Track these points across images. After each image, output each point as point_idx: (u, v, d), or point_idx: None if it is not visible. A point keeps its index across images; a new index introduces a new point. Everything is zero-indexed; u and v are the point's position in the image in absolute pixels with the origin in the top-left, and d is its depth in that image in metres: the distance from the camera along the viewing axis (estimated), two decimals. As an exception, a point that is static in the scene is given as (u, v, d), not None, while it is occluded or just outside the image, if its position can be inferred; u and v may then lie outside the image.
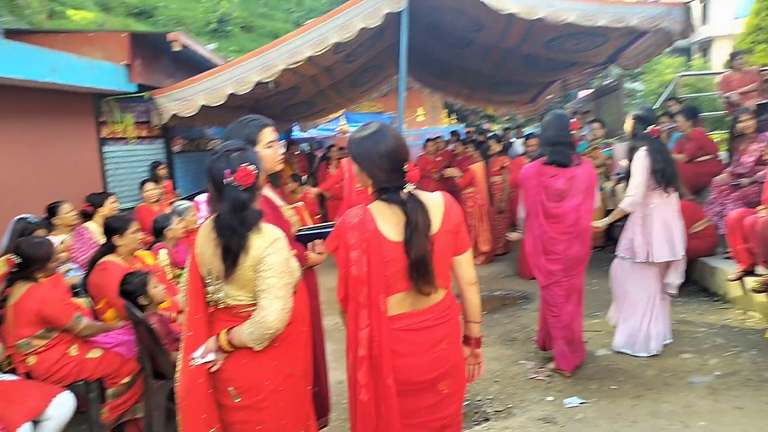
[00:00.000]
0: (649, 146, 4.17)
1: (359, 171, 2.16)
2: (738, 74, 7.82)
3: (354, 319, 2.11)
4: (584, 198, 3.95)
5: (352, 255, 2.07)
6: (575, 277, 4.04)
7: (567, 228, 3.95)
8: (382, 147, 2.08)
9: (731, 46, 20.87)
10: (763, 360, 4.03)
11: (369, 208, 2.12)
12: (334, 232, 2.17)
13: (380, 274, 2.06)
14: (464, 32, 8.11)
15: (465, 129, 14.24)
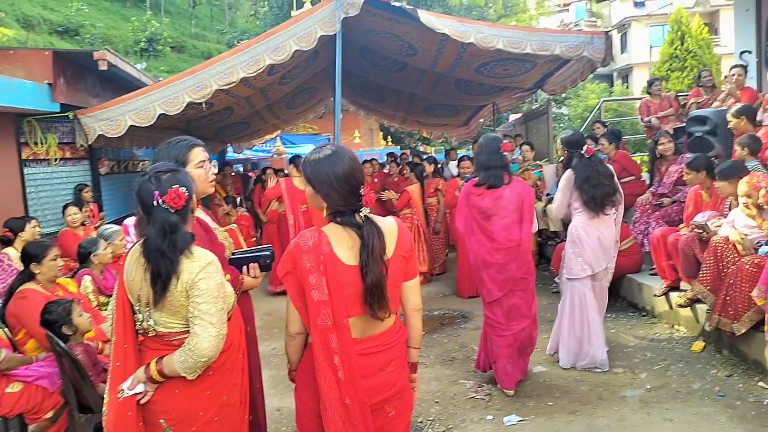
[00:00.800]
0: (577, 168, 4.34)
1: (313, 193, 2.10)
2: (656, 100, 8.28)
3: (325, 345, 2.03)
4: (515, 218, 4.00)
5: (310, 279, 2.01)
6: (516, 297, 4.05)
7: (499, 245, 4.00)
8: (338, 169, 2.05)
9: (649, 73, 22.20)
10: (690, 372, 4.21)
11: (323, 231, 2.07)
12: (286, 256, 2.10)
13: (340, 296, 2.02)
14: (398, 56, 8.24)
15: (401, 151, 14.37)
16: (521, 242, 4.00)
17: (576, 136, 4.61)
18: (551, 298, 6.40)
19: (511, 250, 3.99)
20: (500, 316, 4.06)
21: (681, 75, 19.00)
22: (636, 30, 31.51)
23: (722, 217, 4.66)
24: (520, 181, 4.16)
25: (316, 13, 6.24)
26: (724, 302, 4.18)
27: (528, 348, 4.19)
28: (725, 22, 26.04)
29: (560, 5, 42.58)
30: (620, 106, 19.86)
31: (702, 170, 5.03)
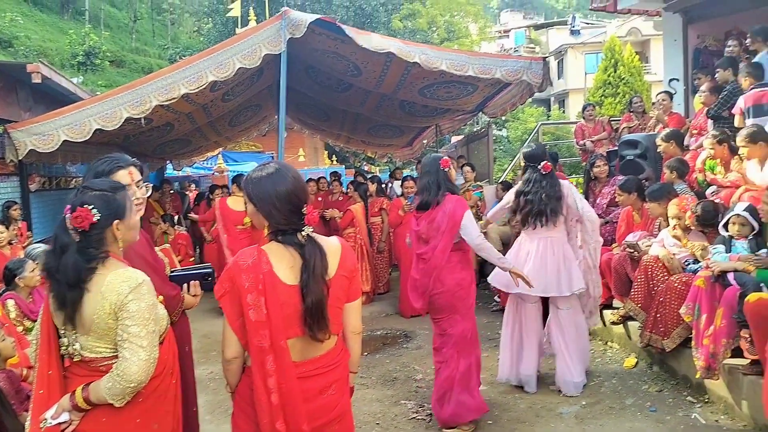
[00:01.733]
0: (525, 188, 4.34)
1: (255, 212, 2.06)
2: (590, 124, 8.63)
3: (260, 367, 1.98)
4: (448, 239, 3.89)
5: (248, 299, 1.96)
6: (443, 322, 3.92)
7: (431, 269, 3.90)
8: (281, 188, 2.02)
9: (584, 98, 23.12)
10: (623, 388, 4.34)
11: (264, 250, 2.03)
12: (223, 275, 2.05)
13: (279, 317, 1.97)
14: (343, 76, 8.30)
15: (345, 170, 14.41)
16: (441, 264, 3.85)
17: (538, 151, 4.49)
18: (491, 317, 6.51)
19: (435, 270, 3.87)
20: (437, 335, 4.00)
21: (614, 101, 19.86)
22: (572, 57, 32.83)
23: (652, 237, 4.87)
24: (452, 199, 3.91)
25: (261, 31, 6.21)
26: (655, 319, 4.35)
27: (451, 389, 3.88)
28: (655, 51, 27.44)
29: (501, 31, 44.01)
30: (557, 129, 20.59)
31: (633, 192, 5.25)
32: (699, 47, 8.16)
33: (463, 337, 3.88)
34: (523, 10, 57.35)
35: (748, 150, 4.55)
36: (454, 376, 3.85)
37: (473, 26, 29.03)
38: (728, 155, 4.97)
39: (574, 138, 9.02)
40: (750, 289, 3.50)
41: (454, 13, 27.18)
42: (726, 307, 3.65)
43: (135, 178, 2.44)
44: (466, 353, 3.89)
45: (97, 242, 2.00)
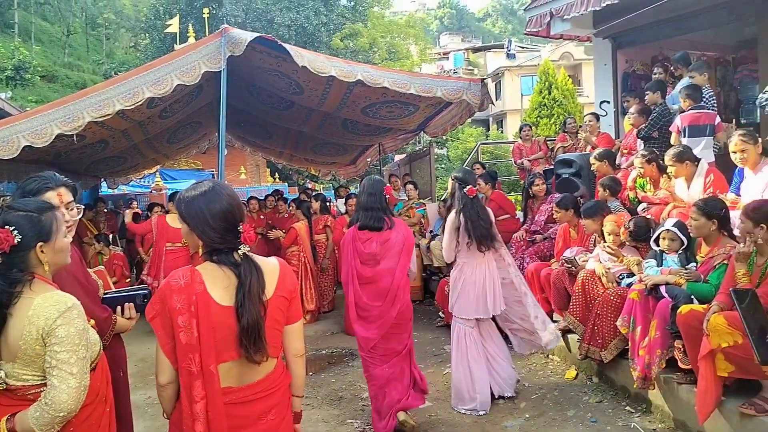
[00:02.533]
0: (462, 207, 4.40)
1: (188, 231, 1.99)
2: (527, 144, 8.90)
3: (188, 392, 1.90)
4: (398, 260, 3.96)
5: (179, 320, 1.89)
6: (394, 342, 3.98)
7: (382, 291, 3.93)
8: (215, 206, 1.96)
9: (521, 119, 23.85)
10: (564, 400, 4.44)
11: (198, 270, 1.97)
12: (155, 296, 1.98)
13: (210, 340, 1.90)
14: (285, 94, 8.25)
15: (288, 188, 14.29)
16: (402, 285, 3.97)
17: (465, 174, 4.66)
18: (435, 332, 6.55)
19: (391, 294, 3.93)
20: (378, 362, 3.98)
21: (549, 121, 20.57)
22: (509, 79, 33.87)
23: (588, 252, 5.04)
24: (402, 224, 4.17)
25: (200, 48, 6.10)
26: (593, 332, 4.49)
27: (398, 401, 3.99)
28: (587, 74, 28.68)
29: (440, 53, 44.96)
30: (496, 149, 21.13)
31: (570, 209, 5.43)
32: (627, 71, 8.59)
33: (409, 350, 4.05)
34: (461, 33, 58.92)
35: (676, 169, 4.80)
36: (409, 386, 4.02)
37: (414, 48, 29.54)
38: (657, 174, 5.23)
39: (512, 157, 9.28)
40: (681, 302, 3.66)
41: (395, 35, 27.60)
42: (659, 319, 3.81)
43: (65, 200, 2.34)
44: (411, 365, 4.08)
45: (21, 265, 1.90)
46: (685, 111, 5.60)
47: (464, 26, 64.56)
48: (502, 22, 66.66)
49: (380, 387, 3.98)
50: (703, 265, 3.86)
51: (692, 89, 5.74)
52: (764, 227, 3.27)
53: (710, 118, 5.47)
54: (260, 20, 22.07)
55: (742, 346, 3.12)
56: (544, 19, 8.01)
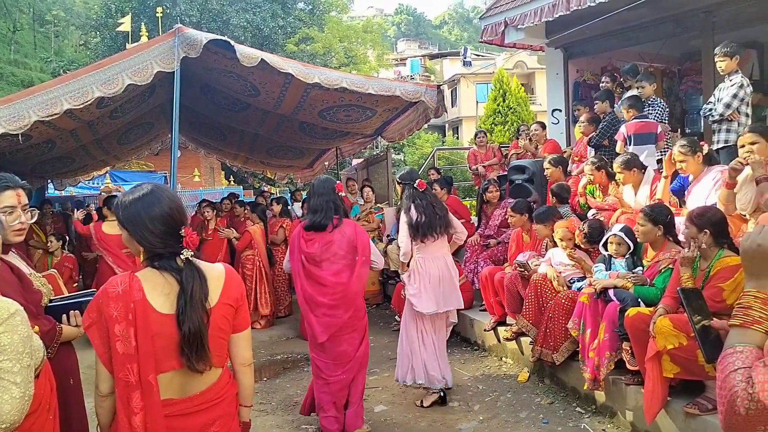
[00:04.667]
0: (414, 202, 4.48)
1: (128, 237, 1.92)
2: (482, 150, 9.04)
3: (125, 404, 1.84)
4: (346, 263, 3.88)
5: (116, 329, 1.82)
6: (345, 344, 3.93)
7: (327, 293, 3.86)
8: (155, 210, 1.90)
9: (476, 126, 24.19)
10: (517, 402, 4.51)
11: (137, 276, 1.89)
12: (91, 304, 1.90)
13: (149, 350, 1.83)
14: (241, 96, 8.15)
15: (244, 191, 14.09)
16: (350, 286, 3.88)
17: (409, 171, 4.80)
18: (391, 336, 6.56)
19: (338, 294, 3.86)
20: (327, 362, 3.94)
21: (503, 128, 20.93)
22: (464, 86, 34.32)
23: (540, 256, 5.15)
24: (351, 224, 4.06)
25: (153, 47, 5.97)
26: (545, 334, 4.58)
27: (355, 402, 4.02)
28: (539, 83, 29.30)
29: (397, 59, 45.24)
30: (452, 154, 21.35)
31: (524, 213, 5.55)
32: (578, 81, 8.84)
33: (364, 354, 4.06)
34: (418, 40, 59.46)
35: (624, 176, 4.97)
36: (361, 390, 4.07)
37: (371, 53, 29.64)
38: (606, 180, 5.40)
39: (468, 163, 9.41)
40: (629, 305, 3.78)
41: (353, 40, 27.63)
42: (608, 322, 3.92)
43: (22, 201, 2.29)
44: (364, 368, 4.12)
45: None
46: (628, 120, 5.81)
47: (421, 33, 65.16)
48: (458, 29, 67.54)
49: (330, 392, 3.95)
50: (650, 269, 4.00)
51: (634, 100, 5.97)
52: (707, 232, 3.41)
53: (653, 127, 5.70)
54: (215, 21, 21.75)
55: (687, 348, 3.24)
56: (499, 28, 8.18)
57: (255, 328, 7.28)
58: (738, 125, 4.90)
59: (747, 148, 3.89)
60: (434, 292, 4.48)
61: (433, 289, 4.48)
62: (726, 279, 3.26)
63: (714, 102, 5.10)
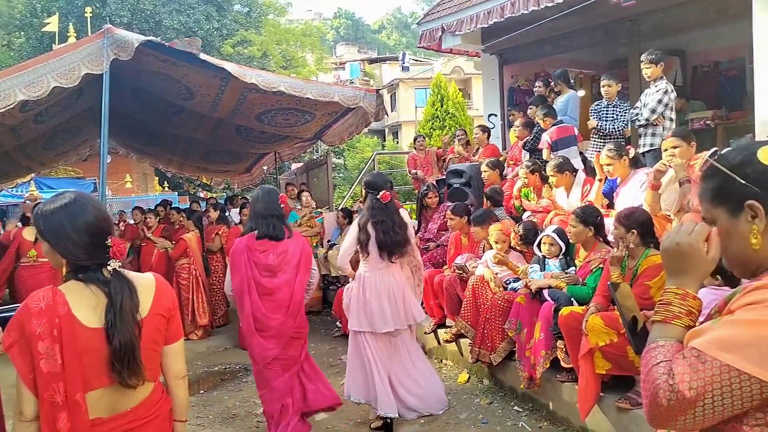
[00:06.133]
0: (372, 217, 4.18)
1: (50, 250, 1.81)
2: (421, 154, 9.11)
3: (51, 426, 1.72)
4: (296, 272, 3.87)
5: (40, 347, 1.70)
6: (293, 350, 3.90)
7: (281, 303, 3.82)
8: (79, 220, 1.80)
9: (415, 130, 24.44)
10: (457, 403, 4.55)
11: (60, 290, 1.79)
12: (12, 322, 1.77)
13: (76, 367, 1.73)
14: (175, 99, 7.94)
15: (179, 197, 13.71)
16: (297, 294, 3.88)
17: (379, 180, 4.39)
18: (332, 343, 6.53)
19: (289, 306, 3.85)
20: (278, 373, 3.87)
21: (441, 133, 21.17)
22: (403, 91, 34.61)
23: (478, 258, 5.23)
24: (298, 234, 4.09)
25: (80, 49, 5.72)
26: (482, 335, 4.65)
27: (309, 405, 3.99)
28: (476, 88, 29.87)
29: (337, 63, 45.21)
30: (392, 158, 21.52)
31: (463, 216, 5.62)
32: (513, 86, 9.07)
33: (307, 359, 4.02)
34: (357, 44, 59.59)
35: (557, 179, 5.13)
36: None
37: (310, 57, 29.50)
38: (540, 183, 5.55)
39: (407, 167, 9.47)
40: (563, 304, 3.89)
41: (291, 43, 27.42)
42: (543, 321, 4.02)
43: None
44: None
45: None
46: (549, 128, 6.02)
47: (360, 37, 65.35)
48: (396, 34, 68.10)
49: (280, 397, 3.86)
50: (582, 269, 4.12)
51: (548, 109, 6.23)
52: (635, 233, 3.55)
53: (570, 130, 5.93)
54: (147, 22, 21.11)
55: (618, 344, 3.36)
56: (436, 34, 8.29)
57: (192, 338, 7.10)
58: (663, 129, 5.12)
59: (670, 152, 4.08)
60: (374, 309, 4.14)
61: (379, 304, 4.14)
62: (652, 277, 3.41)
63: (640, 107, 5.32)
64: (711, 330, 1.08)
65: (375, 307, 4.13)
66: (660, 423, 1.12)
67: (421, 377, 4.37)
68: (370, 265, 4.22)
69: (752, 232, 1.15)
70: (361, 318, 4.17)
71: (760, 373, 1.00)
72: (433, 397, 4.37)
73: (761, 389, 1.01)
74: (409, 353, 4.39)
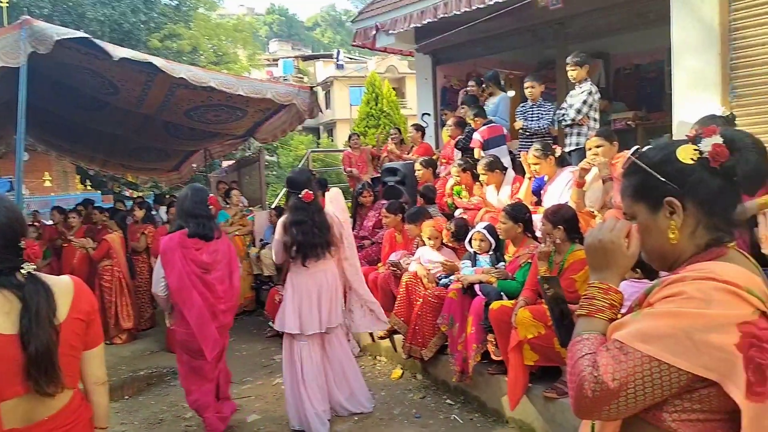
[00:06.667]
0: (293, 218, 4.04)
1: None
2: (356, 152, 9.10)
3: None
4: (227, 271, 3.99)
5: None
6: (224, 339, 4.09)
7: (218, 298, 3.91)
8: None
9: (350, 128, 24.43)
10: (391, 399, 4.57)
11: None
12: None
13: None
14: (98, 94, 7.58)
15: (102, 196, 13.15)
16: (235, 292, 4.07)
17: (301, 177, 4.21)
18: (265, 344, 6.42)
19: (230, 300, 4.03)
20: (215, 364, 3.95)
21: (376, 131, 21.30)
22: (338, 89, 34.54)
23: (412, 255, 5.27)
24: (225, 236, 4.21)
25: (-6, 39, 5.37)
26: (414, 331, 4.70)
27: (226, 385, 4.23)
28: (410, 87, 30.18)
29: (270, 59, 44.54)
30: (326, 156, 21.41)
31: (398, 214, 5.66)
32: (446, 86, 9.18)
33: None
34: (291, 41, 58.90)
35: (487, 177, 5.23)
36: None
37: (242, 52, 28.91)
38: (471, 181, 5.65)
39: (342, 165, 9.44)
40: (493, 298, 3.97)
41: (222, 38, 26.77)
42: (474, 316, 4.09)
43: None
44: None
45: None
46: (477, 129, 6.15)
47: (294, 34, 64.64)
48: (331, 32, 67.80)
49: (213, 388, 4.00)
50: (511, 264, 4.23)
51: (478, 109, 6.39)
52: (561, 228, 3.66)
53: (500, 130, 6.09)
54: (69, 14, 20.06)
55: (545, 336, 3.46)
56: (370, 33, 8.29)
57: (116, 343, 6.83)
58: (587, 129, 5.31)
59: (594, 151, 4.23)
60: (308, 309, 4.05)
61: (308, 305, 4.05)
62: (578, 271, 3.53)
63: (566, 108, 5.50)
64: (632, 322, 1.11)
65: (305, 308, 4.05)
66: (586, 413, 1.15)
67: (352, 376, 4.34)
68: (297, 266, 4.11)
69: (670, 227, 1.20)
70: (292, 319, 4.07)
71: (678, 362, 1.04)
72: (362, 395, 4.36)
73: (679, 377, 1.05)
74: (343, 353, 4.34)
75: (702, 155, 1.18)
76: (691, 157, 1.19)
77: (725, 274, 1.09)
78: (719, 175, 1.18)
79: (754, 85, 4.48)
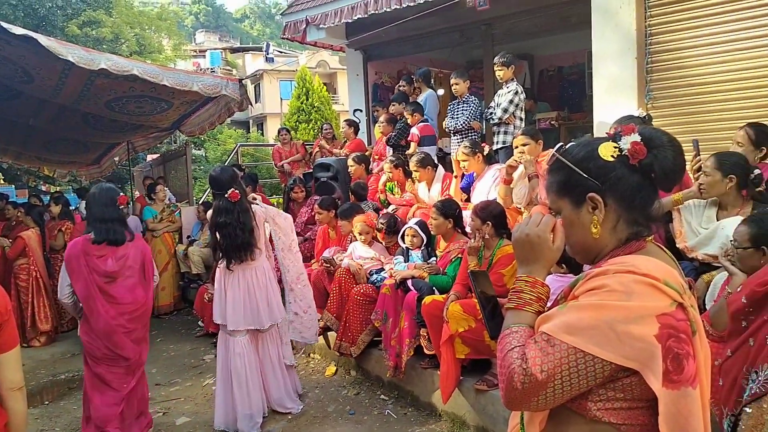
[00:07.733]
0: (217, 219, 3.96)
1: None
2: (286, 147, 9.01)
3: None
4: (138, 278, 3.73)
5: None
6: (142, 353, 3.79)
7: (125, 309, 3.65)
8: None
9: (281, 122, 24.09)
10: (325, 396, 4.57)
11: None
12: None
13: None
14: (10, 82, 7.12)
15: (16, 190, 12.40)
16: (147, 303, 3.79)
17: (224, 176, 4.03)
18: (194, 344, 6.25)
19: (138, 311, 3.71)
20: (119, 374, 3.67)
21: (307, 126, 21.13)
22: (268, 82, 33.92)
23: (345, 251, 5.27)
24: (139, 237, 3.93)
25: None
26: (345, 328, 4.71)
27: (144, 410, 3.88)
28: (342, 83, 30.06)
29: (196, 50, 43.22)
30: (256, 151, 20.99)
31: (331, 210, 5.64)
32: (377, 83, 9.23)
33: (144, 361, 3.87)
34: (218, 32, 57.40)
35: (419, 173, 5.31)
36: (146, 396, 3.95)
37: (166, 42, 27.90)
38: (403, 178, 5.71)
39: (273, 160, 9.31)
40: (425, 293, 4.04)
41: (145, 27, 25.72)
42: (407, 311, 4.14)
43: None
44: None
45: None
46: (414, 124, 6.25)
47: (221, 25, 63.00)
48: (260, 24, 66.54)
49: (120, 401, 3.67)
50: (442, 259, 4.31)
51: (416, 105, 6.48)
52: (490, 224, 3.77)
53: (431, 131, 6.23)
54: (-24, -5, 18.76)
55: (476, 330, 3.55)
56: (300, 26, 8.20)
57: (34, 345, 6.49)
58: (513, 128, 5.48)
59: (520, 149, 4.37)
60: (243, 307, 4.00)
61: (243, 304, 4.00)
62: (506, 265, 3.64)
63: (494, 107, 5.64)
64: (558, 315, 1.15)
65: (238, 305, 4.00)
66: (516, 405, 1.18)
67: (282, 377, 4.30)
68: (224, 267, 4.05)
69: (593, 222, 1.25)
70: (231, 313, 4.01)
71: (602, 353, 1.09)
72: (288, 396, 4.32)
73: (603, 368, 1.10)
74: (277, 352, 4.29)
75: (621, 153, 1.23)
76: (612, 155, 1.23)
77: (645, 268, 1.14)
78: (638, 171, 1.23)
79: (668, 88, 4.75)
